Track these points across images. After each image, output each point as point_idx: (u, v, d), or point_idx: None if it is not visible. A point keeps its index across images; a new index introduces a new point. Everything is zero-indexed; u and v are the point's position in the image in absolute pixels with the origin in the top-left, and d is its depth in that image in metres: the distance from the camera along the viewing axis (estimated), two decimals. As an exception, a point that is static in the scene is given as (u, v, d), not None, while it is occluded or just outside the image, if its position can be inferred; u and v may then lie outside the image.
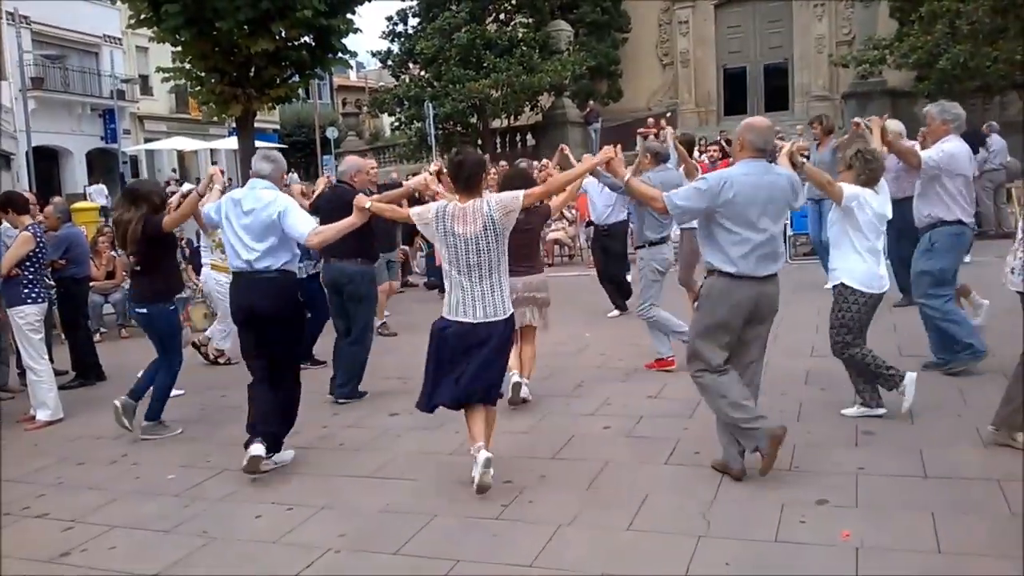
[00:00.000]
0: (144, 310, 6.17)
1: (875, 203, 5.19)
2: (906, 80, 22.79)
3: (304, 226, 5.05)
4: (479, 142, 26.26)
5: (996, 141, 13.71)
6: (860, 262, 5.19)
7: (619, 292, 9.59)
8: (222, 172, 5.94)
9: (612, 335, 8.32)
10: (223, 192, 5.78)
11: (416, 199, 7.44)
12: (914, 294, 6.33)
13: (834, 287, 5.33)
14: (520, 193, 4.62)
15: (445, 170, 8.47)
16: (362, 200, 5.01)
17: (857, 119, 6.71)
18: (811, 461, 4.61)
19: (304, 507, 4.54)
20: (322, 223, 5.39)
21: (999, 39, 18.49)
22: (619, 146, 5.22)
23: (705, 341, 4.47)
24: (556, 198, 5.15)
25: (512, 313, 4.65)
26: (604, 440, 5.29)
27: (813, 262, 10.61)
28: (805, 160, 5.33)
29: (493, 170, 10.23)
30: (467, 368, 4.53)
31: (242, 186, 5.96)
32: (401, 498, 4.58)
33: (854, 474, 4.38)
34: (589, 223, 15.08)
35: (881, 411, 5.26)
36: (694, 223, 5.34)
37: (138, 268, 6.12)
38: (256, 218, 5.10)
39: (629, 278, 9.78)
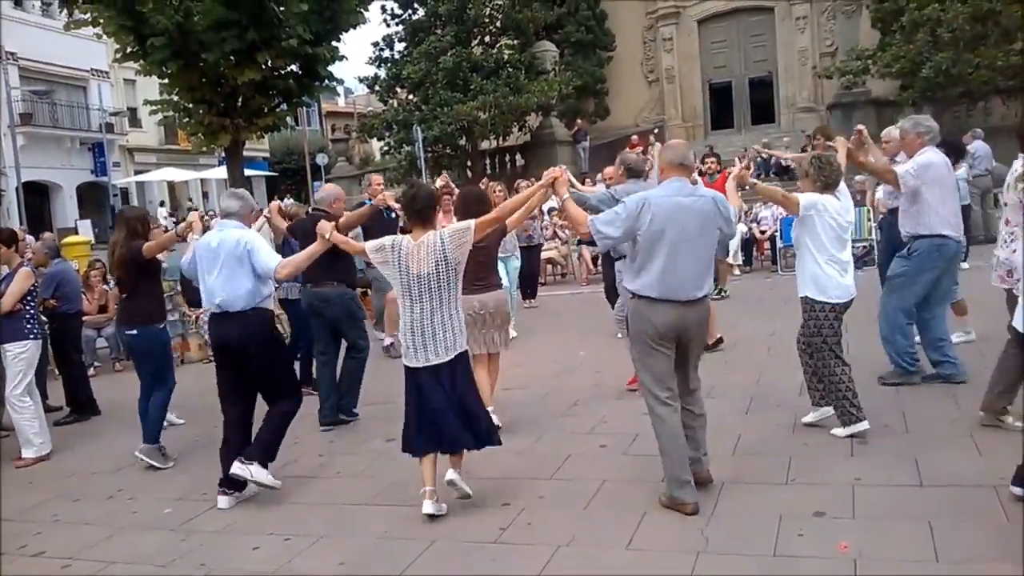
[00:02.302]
0: (134, 331, 6.28)
1: (834, 209, 5.10)
2: (890, 89, 22.96)
3: (271, 260, 5.11)
4: (468, 164, 26.36)
5: (981, 147, 13.80)
6: (820, 271, 5.10)
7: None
8: (203, 218, 6.05)
9: (606, 353, 8.32)
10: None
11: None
12: (884, 294, 6.27)
13: (800, 299, 5.29)
14: (471, 223, 4.69)
15: (451, 184, 8.52)
16: (324, 228, 5.08)
17: (860, 127, 6.52)
18: (807, 473, 4.62)
19: (302, 536, 4.53)
20: (301, 248, 5.50)
21: (980, 46, 18.70)
22: (563, 167, 5.23)
23: (644, 372, 4.42)
24: (511, 218, 5.12)
25: (465, 349, 4.70)
26: (601, 459, 5.29)
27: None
28: (756, 181, 5.34)
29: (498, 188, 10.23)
30: (442, 415, 4.58)
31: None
32: (399, 524, 4.57)
33: (850, 485, 4.38)
34: (580, 241, 15.19)
35: (863, 427, 5.08)
36: None
37: (124, 295, 6.27)
38: (226, 257, 5.13)
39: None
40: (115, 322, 6.93)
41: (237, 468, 5.05)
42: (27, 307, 6.64)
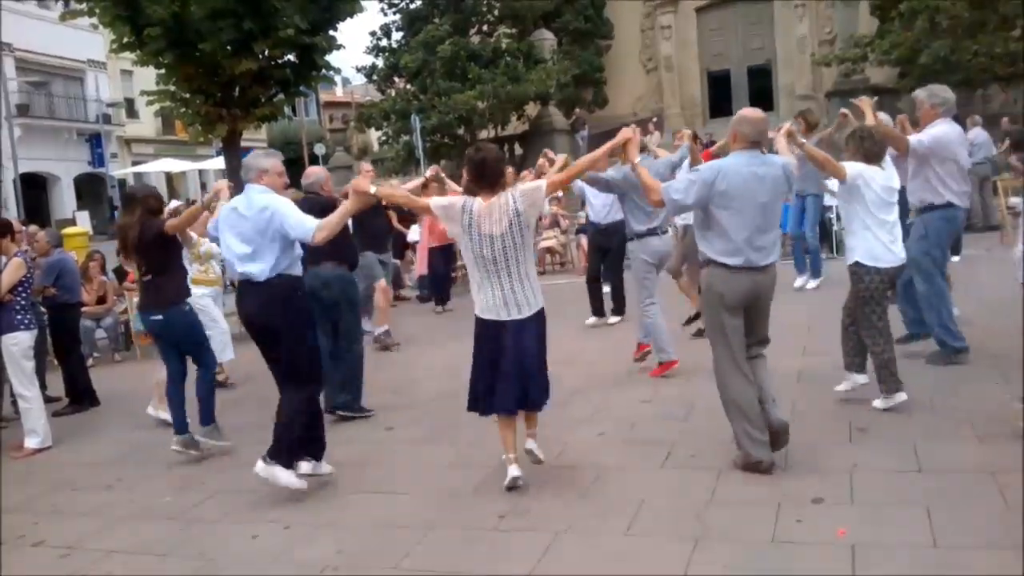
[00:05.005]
0: (160, 316, 5.91)
1: (880, 178, 5.23)
2: (889, 77, 22.91)
3: (306, 223, 4.77)
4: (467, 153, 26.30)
5: (980, 135, 13.76)
6: (871, 238, 5.23)
7: (613, 297, 9.50)
8: (230, 186, 5.81)
9: (604, 341, 8.33)
10: None
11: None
12: (915, 279, 6.24)
13: (848, 265, 5.40)
14: (542, 183, 4.65)
15: (440, 175, 8.43)
16: (363, 184, 4.82)
17: (844, 110, 6.73)
18: (805, 460, 4.61)
19: (301, 525, 4.53)
20: None
21: (979, 33, 18.63)
22: (635, 128, 5.20)
23: (719, 340, 4.53)
24: (553, 178, 4.95)
25: (543, 306, 4.65)
26: (599, 446, 5.30)
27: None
28: (804, 141, 5.37)
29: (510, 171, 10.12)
30: (511, 372, 4.55)
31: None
32: (399, 512, 4.57)
33: (848, 471, 4.38)
34: (579, 230, 15.18)
35: (902, 397, 5.23)
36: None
37: (148, 277, 5.95)
38: (251, 223, 4.87)
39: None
40: (138, 307, 6.44)
41: (259, 467, 4.81)
42: (18, 298, 6.60)
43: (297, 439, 4.95)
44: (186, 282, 6.25)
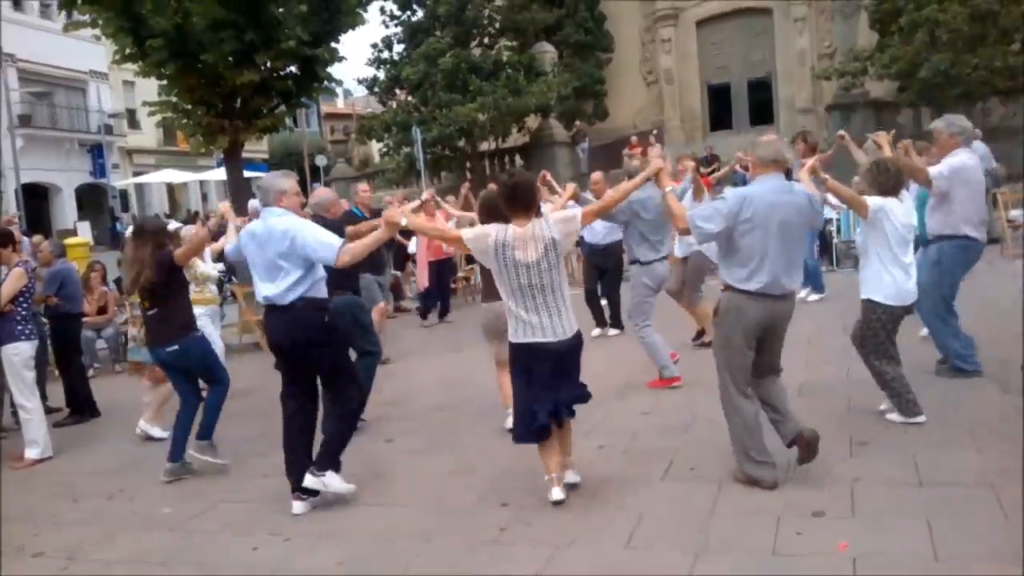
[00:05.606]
0: (175, 347, 5.83)
1: (899, 211, 5.22)
2: (888, 90, 22.98)
3: (331, 243, 4.73)
4: (468, 165, 26.35)
5: (980, 148, 13.78)
6: (885, 276, 5.22)
7: (612, 312, 9.52)
8: (233, 208, 5.88)
9: (604, 353, 8.33)
10: (238, 229, 5.54)
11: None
12: (922, 307, 6.15)
13: (862, 301, 5.39)
14: (577, 212, 4.64)
15: (436, 198, 8.39)
16: (394, 215, 4.80)
17: (842, 132, 6.78)
18: (807, 472, 4.60)
19: (301, 536, 4.53)
20: None
21: (979, 46, 18.68)
22: (666, 157, 5.20)
23: (725, 364, 4.54)
24: (588, 208, 4.96)
25: (579, 329, 4.61)
26: (600, 458, 5.29)
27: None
28: (827, 176, 5.37)
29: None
30: (547, 391, 4.55)
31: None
32: (399, 523, 4.57)
33: (850, 484, 4.39)
34: (578, 244, 15.18)
35: (921, 419, 5.23)
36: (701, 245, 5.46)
37: (154, 311, 5.86)
38: (270, 248, 4.83)
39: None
40: (147, 343, 6.18)
41: (310, 481, 4.83)
42: (20, 308, 6.59)
43: (343, 445, 5.00)
44: (191, 309, 6.17)
